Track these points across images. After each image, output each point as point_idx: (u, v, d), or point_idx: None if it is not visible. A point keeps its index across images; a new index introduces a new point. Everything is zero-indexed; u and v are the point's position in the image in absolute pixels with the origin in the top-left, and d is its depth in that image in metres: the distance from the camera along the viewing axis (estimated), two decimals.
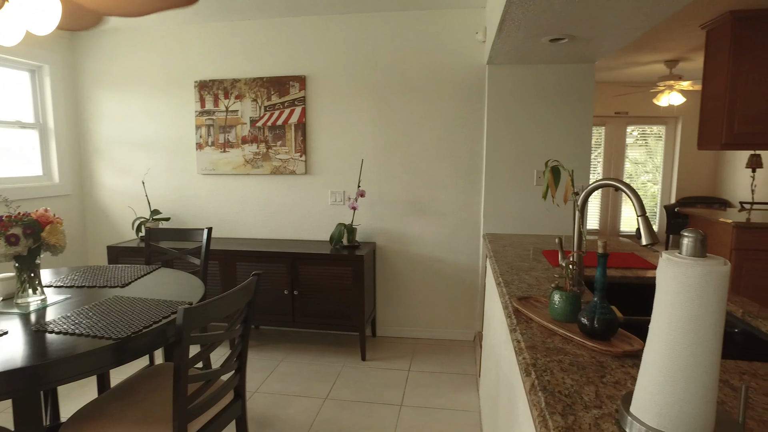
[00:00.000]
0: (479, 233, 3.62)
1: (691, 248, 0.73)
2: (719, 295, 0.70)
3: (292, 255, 3.34)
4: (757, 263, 3.67)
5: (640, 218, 1.20)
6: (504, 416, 1.66)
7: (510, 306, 1.40)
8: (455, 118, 3.54)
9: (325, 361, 3.35)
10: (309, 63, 3.64)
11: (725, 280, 0.70)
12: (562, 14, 2.18)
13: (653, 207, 7.82)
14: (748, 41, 3.70)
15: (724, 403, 0.86)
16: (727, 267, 0.70)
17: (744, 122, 3.77)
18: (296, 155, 3.71)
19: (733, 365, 1.03)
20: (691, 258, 0.72)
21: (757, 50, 3.70)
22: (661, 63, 5.69)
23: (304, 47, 3.63)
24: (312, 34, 3.61)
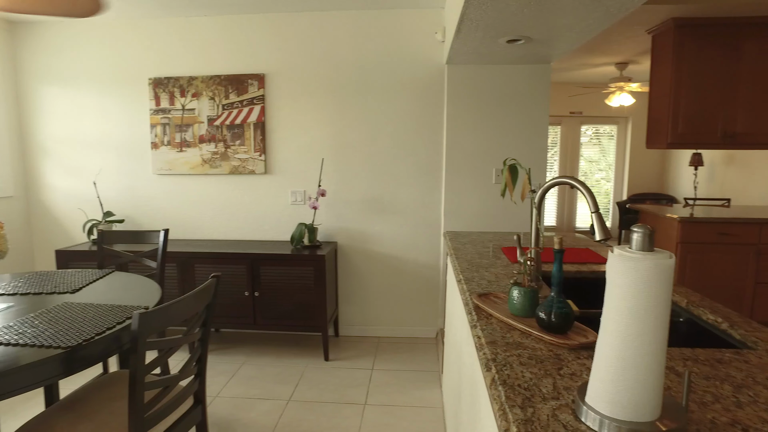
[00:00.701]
0: (440, 231, 3.66)
1: (640, 243, 0.76)
2: (665, 286, 0.73)
3: (253, 256, 3.28)
4: (700, 255, 3.87)
5: (593, 215, 1.24)
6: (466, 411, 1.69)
7: (470, 302, 1.42)
8: (415, 117, 3.57)
9: (287, 362, 3.31)
10: (268, 61, 3.59)
11: (671, 272, 0.73)
12: (519, 16, 2.23)
13: (607, 203, 8.12)
14: (688, 47, 3.90)
15: (670, 389, 0.91)
16: (672, 260, 0.73)
17: (686, 123, 3.96)
18: (255, 155, 3.65)
19: (677, 352, 1.08)
20: (639, 252, 0.75)
21: (697, 55, 3.90)
22: (612, 65, 5.92)
23: (263, 45, 3.57)
24: (271, 32, 3.55)
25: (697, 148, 4.18)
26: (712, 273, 3.89)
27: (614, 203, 7.98)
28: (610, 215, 8.09)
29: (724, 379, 0.95)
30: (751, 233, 3.85)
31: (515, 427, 0.78)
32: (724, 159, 6.19)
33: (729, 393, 0.90)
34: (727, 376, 0.97)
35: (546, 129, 3.44)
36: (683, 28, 3.87)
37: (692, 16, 3.79)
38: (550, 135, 7.83)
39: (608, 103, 6.47)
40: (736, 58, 3.90)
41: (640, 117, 7.66)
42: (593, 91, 7.43)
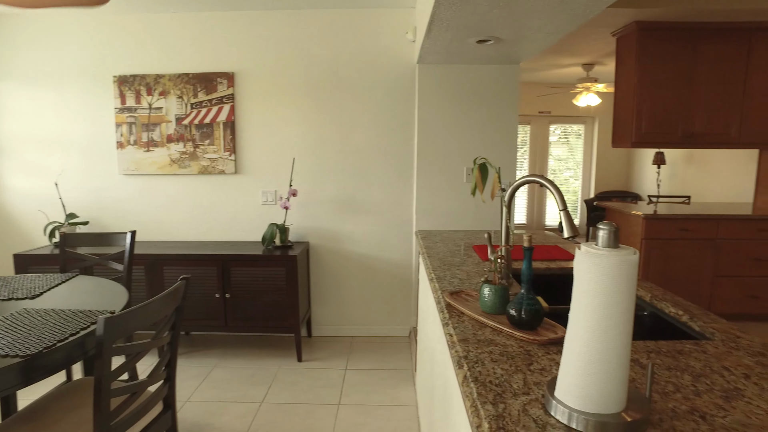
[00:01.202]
0: (412, 230, 3.67)
1: (605, 240, 0.78)
2: (630, 282, 0.75)
3: (223, 257, 3.23)
4: (663, 251, 4.01)
5: (561, 212, 1.26)
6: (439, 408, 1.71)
7: (442, 301, 1.44)
8: (387, 117, 3.58)
9: (260, 364, 3.27)
10: (238, 59, 3.53)
11: (635, 268, 0.75)
12: (488, 17, 2.26)
13: (575, 201, 8.31)
14: (651, 49, 4.02)
15: (635, 380, 0.93)
16: (636, 256, 0.76)
17: (650, 123, 4.09)
18: (225, 154, 3.59)
19: (642, 345, 1.12)
20: (605, 249, 0.77)
21: (659, 58, 4.03)
22: (579, 66, 6.05)
23: (232, 43, 3.51)
24: (240, 30, 3.50)
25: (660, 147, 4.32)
26: (674, 267, 4.03)
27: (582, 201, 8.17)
28: (578, 213, 8.28)
29: (684, 370, 0.99)
30: (710, 229, 4.00)
31: (487, 423, 0.79)
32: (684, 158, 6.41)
33: (689, 382, 0.93)
34: (687, 366, 1.00)
35: (515, 128, 3.50)
36: (645, 31, 3.99)
37: (653, 20, 3.91)
38: (520, 134, 7.96)
39: (575, 103, 6.62)
40: (694, 61, 4.05)
41: (606, 117, 7.87)
42: (561, 92, 7.59)
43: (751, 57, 4.06)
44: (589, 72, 6.22)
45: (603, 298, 0.75)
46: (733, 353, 1.08)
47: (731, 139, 4.15)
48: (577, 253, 0.79)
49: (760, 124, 4.13)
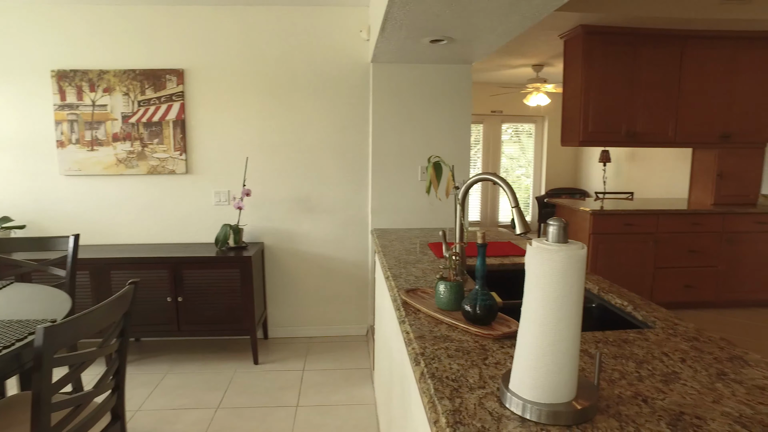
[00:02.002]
0: (368, 229, 3.68)
1: (555, 235, 0.81)
2: (578, 275, 0.78)
3: (175, 260, 3.13)
4: (609, 245, 4.19)
5: (513, 209, 1.30)
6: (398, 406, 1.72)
7: (398, 299, 1.45)
8: (342, 115, 3.56)
9: (215, 368, 3.19)
10: (188, 56, 3.42)
11: (583, 262, 0.78)
12: (441, 17, 2.29)
13: (527, 198, 8.55)
14: (596, 52, 4.19)
15: (584, 370, 0.97)
16: (584, 250, 0.79)
17: (595, 122, 4.27)
18: (176, 154, 3.47)
19: (590, 336, 1.17)
20: (555, 244, 0.80)
21: (603, 60, 4.20)
22: (529, 67, 6.23)
23: (182, 39, 3.40)
24: (190, 26, 3.39)
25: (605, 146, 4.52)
26: (620, 260, 4.23)
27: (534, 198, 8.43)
28: (530, 209, 8.54)
29: (629, 357, 1.03)
30: (650, 223, 4.22)
31: (444, 417, 0.80)
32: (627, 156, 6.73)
33: (633, 369, 0.98)
34: (631, 354, 1.05)
35: (468, 127, 3.56)
36: (591, 34, 4.16)
37: (598, 24, 4.08)
38: (473, 133, 8.12)
39: (526, 102, 6.81)
40: (635, 64, 4.26)
41: (555, 116, 8.14)
42: (512, 92, 7.79)
43: (684, 62, 4.31)
44: (539, 73, 6.42)
45: (553, 291, 0.78)
46: (672, 339, 1.14)
47: (668, 138, 4.39)
48: (528, 249, 0.82)
49: (692, 124, 4.39)
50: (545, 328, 0.79)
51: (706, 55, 4.32)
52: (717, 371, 0.97)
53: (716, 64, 4.35)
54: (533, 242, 0.81)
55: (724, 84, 4.38)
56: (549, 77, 6.91)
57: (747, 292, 4.40)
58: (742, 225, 4.32)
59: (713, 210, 4.27)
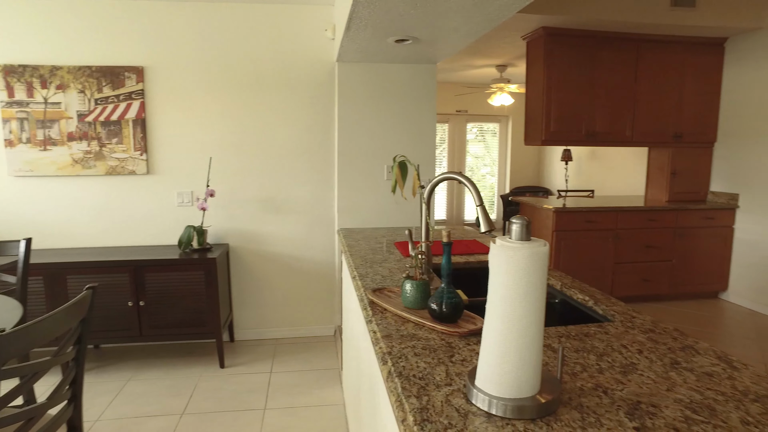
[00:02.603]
0: (334, 228, 3.66)
1: (518, 233, 0.82)
2: (541, 272, 0.80)
3: (136, 263, 3.03)
4: (572, 241, 4.31)
5: (478, 208, 1.32)
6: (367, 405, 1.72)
7: (365, 298, 1.45)
8: (308, 114, 3.53)
9: (179, 373, 3.11)
10: (148, 53, 3.32)
11: (545, 259, 0.80)
12: (406, 17, 2.30)
13: (492, 197, 8.69)
14: (557, 53, 4.30)
15: (548, 364, 1.00)
16: (546, 248, 0.81)
17: (557, 122, 4.38)
18: (136, 154, 3.37)
19: (553, 331, 1.20)
20: (518, 242, 0.81)
21: (564, 62, 4.32)
22: (493, 67, 6.34)
23: (141, 35, 3.30)
24: (150, 21, 3.29)
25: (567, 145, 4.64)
26: (582, 256, 4.35)
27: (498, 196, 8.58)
28: (495, 208, 8.68)
29: (590, 350, 1.07)
30: (610, 220, 4.36)
31: (411, 416, 0.80)
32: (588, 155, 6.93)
33: (593, 362, 1.01)
34: (592, 347, 1.09)
35: (434, 127, 3.59)
36: (552, 36, 4.26)
37: (559, 26, 4.18)
38: (439, 132, 8.20)
39: (490, 102, 6.92)
40: (594, 66, 4.39)
41: (518, 116, 8.31)
42: (477, 91, 7.91)
43: (639, 65, 4.48)
44: (503, 73, 6.54)
45: (516, 288, 0.79)
46: (630, 332, 1.18)
47: (626, 138, 4.55)
48: (492, 247, 0.83)
49: (647, 124, 4.56)
50: (509, 325, 0.81)
51: (659, 58, 4.50)
52: (671, 361, 1.02)
53: (668, 67, 4.53)
54: (497, 240, 0.83)
55: (675, 87, 4.57)
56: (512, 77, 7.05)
57: (697, 284, 4.61)
58: (693, 220, 4.52)
59: (667, 207, 4.45)
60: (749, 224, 4.42)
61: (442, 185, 8.22)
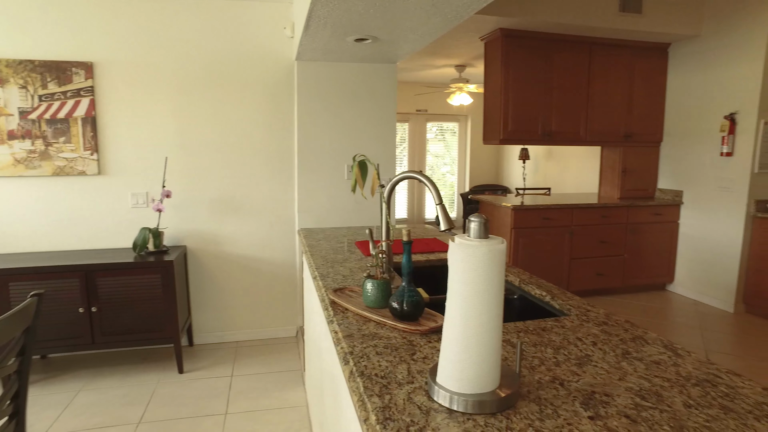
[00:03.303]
0: (294, 229, 3.63)
1: (476, 231, 0.84)
2: (499, 269, 0.82)
3: (87, 267, 2.91)
4: (530, 238, 4.42)
5: (438, 206, 1.33)
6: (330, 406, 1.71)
7: (326, 298, 1.44)
8: (267, 113, 3.48)
9: (135, 381, 3.00)
10: (97, 48, 3.18)
11: (503, 256, 0.82)
12: (365, 16, 2.30)
13: (452, 195, 8.81)
14: (514, 55, 4.40)
15: (507, 359, 1.02)
16: (504, 245, 0.82)
17: (515, 122, 4.48)
18: (86, 153, 3.23)
19: (512, 326, 1.22)
20: (476, 240, 0.83)
21: (521, 63, 4.42)
22: (452, 67, 6.42)
23: (90, 29, 3.15)
24: (101, 15, 3.15)
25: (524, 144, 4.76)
26: (539, 253, 4.47)
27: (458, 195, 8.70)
28: (455, 206, 8.80)
29: (547, 344, 1.10)
30: (566, 217, 4.50)
31: (374, 415, 0.80)
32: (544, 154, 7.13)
33: (551, 355, 1.04)
34: (549, 341, 1.12)
35: (394, 126, 3.61)
36: (509, 38, 4.35)
37: (516, 28, 4.28)
38: (399, 132, 8.24)
39: (450, 102, 7.01)
40: (550, 67, 4.51)
41: (477, 115, 8.45)
42: (436, 91, 7.99)
43: (592, 67, 4.64)
44: (462, 73, 6.64)
45: (475, 285, 0.81)
46: (585, 325, 1.22)
47: (580, 137, 4.70)
48: (450, 245, 0.84)
49: (600, 124, 4.74)
50: (468, 322, 0.82)
51: (609, 61, 4.68)
52: (622, 351, 1.06)
53: (618, 70, 4.72)
54: (456, 239, 0.84)
55: (624, 88, 4.77)
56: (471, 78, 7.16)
57: (647, 277, 4.82)
58: (643, 217, 4.72)
59: (619, 203, 4.63)
60: (692, 219, 4.66)
61: (402, 184, 8.27)
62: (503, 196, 5.46)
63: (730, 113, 4.24)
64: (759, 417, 0.81)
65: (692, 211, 4.67)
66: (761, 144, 4.07)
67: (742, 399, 0.86)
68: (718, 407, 0.83)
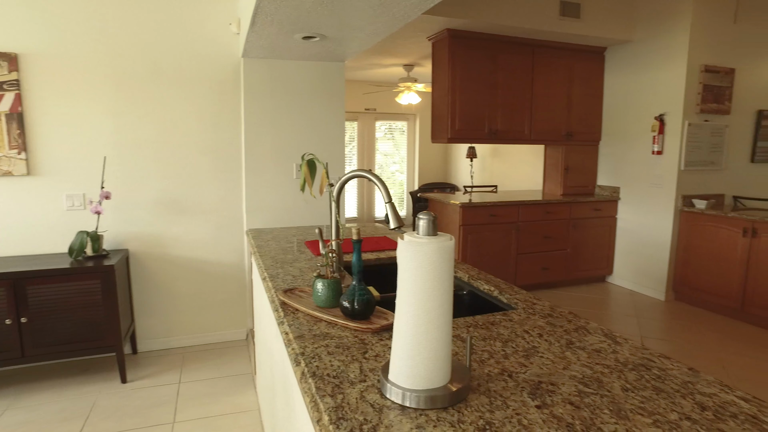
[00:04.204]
0: (243, 229, 3.54)
1: (425, 229, 0.85)
2: (447, 265, 0.83)
3: (15, 275, 2.71)
4: (478, 235, 4.52)
5: (387, 205, 1.34)
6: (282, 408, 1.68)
7: (276, 299, 1.42)
8: (213, 111, 3.38)
9: (73, 393, 2.84)
10: (23, 38, 2.97)
11: (451, 252, 0.83)
12: (313, 14, 2.27)
13: (402, 194, 8.88)
14: (460, 55, 4.49)
15: (457, 354, 1.04)
16: (452, 242, 0.84)
17: (462, 121, 4.57)
18: (12, 152, 3.01)
19: (462, 321, 1.25)
20: (425, 237, 0.84)
21: (468, 63, 4.51)
22: (401, 66, 6.47)
23: (13, 17, 2.94)
24: (26, 1, 2.95)
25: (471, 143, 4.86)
26: (487, 249, 4.58)
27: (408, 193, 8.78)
28: (405, 204, 8.88)
29: (496, 338, 1.13)
30: (512, 214, 4.64)
31: (327, 415, 0.80)
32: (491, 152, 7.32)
33: (499, 348, 1.07)
34: (498, 335, 1.15)
35: (343, 125, 3.59)
36: (456, 38, 4.43)
37: (462, 29, 4.36)
38: (348, 130, 8.22)
39: (398, 101, 7.06)
40: (495, 68, 4.64)
41: (425, 114, 8.56)
42: (385, 90, 8.03)
43: (535, 68, 4.81)
44: (410, 72, 6.70)
45: (424, 282, 0.82)
46: (531, 318, 1.27)
47: (524, 136, 4.86)
48: (399, 243, 0.85)
49: (542, 124, 4.91)
50: (418, 318, 0.83)
51: (551, 63, 4.86)
52: (566, 341, 1.10)
53: (559, 72, 4.91)
54: (405, 236, 0.85)
55: (565, 89, 4.97)
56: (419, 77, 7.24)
57: (588, 270, 5.05)
58: (584, 212, 4.95)
59: (562, 200, 4.82)
60: (628, 214, 4.93)
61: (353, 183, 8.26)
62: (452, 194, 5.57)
63: (660, 114, 4.51)
64: (685, 395, 0.87)
65: (628, 207, 4.93)
66: (686, 143, 4.36)
67: (671, 380, 0.92)
68: (651, 389, 0.89)
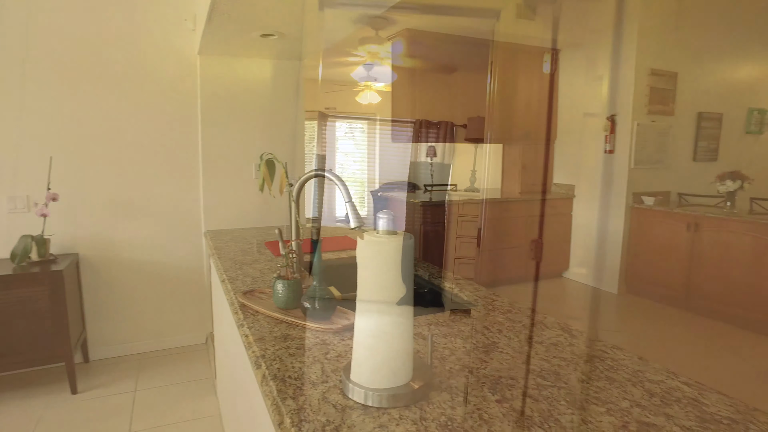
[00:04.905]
0: (201, 230, 3.46)
1: (385, 227, 0.85)
2: (408, 264, 0.83)
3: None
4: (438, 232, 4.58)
5: (347, 204, 1.33)
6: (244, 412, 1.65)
7: (236, 301, 1.39)
8: (168, 110, 3.27)
9: (16, 408, 2.69)
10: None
11: (411, 251, 0.84)
12: (271, 11, 2.24)
13: (363, 193, 8.88)
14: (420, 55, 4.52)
15: (419, 351, 1.04)
16: (411, 240, 0.84)
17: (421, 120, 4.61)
18: None
19: (423, 319, 1.26)
20: (384, 236, 0.84)
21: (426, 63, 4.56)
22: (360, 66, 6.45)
23: None
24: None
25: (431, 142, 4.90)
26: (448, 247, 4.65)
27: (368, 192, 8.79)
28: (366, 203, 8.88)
29: (457, 335, 1.14)
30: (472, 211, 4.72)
31: (288, 418, 0.79)
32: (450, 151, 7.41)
33: (460, 345, 1.08)
34: (459, 331, 1.17)
35: (303, 124, 3.56)
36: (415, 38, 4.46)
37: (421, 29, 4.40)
38: (308, 130, 8.14)
39: (359, 100, 7.04)
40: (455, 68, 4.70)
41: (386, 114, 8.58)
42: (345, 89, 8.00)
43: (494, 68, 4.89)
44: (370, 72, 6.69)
45: (384, 281, 0.82)
46: (491, 314, 1.29)
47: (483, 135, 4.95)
48: (359, 242, 0.84)
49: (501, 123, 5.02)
50: (379, 317, 0.83)
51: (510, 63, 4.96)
52: (525, 336, 1.13)
53: (517, 72, 5.03)
54: (364, 235, 0.84)
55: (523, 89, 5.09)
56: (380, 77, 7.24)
57: (546, 266, 5.20)
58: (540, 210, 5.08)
59: (520, 198, 4.95)
60: (583, 211, 5.10)
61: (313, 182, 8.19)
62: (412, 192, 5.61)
63: (611, 114, 4.69)
64: (635, 383, 0.91)
65: (583, 203, 5.10)
66: (636, 142, 4.56)
67: (623, 369, 0.96)
68: (605, 379, 0.92)
